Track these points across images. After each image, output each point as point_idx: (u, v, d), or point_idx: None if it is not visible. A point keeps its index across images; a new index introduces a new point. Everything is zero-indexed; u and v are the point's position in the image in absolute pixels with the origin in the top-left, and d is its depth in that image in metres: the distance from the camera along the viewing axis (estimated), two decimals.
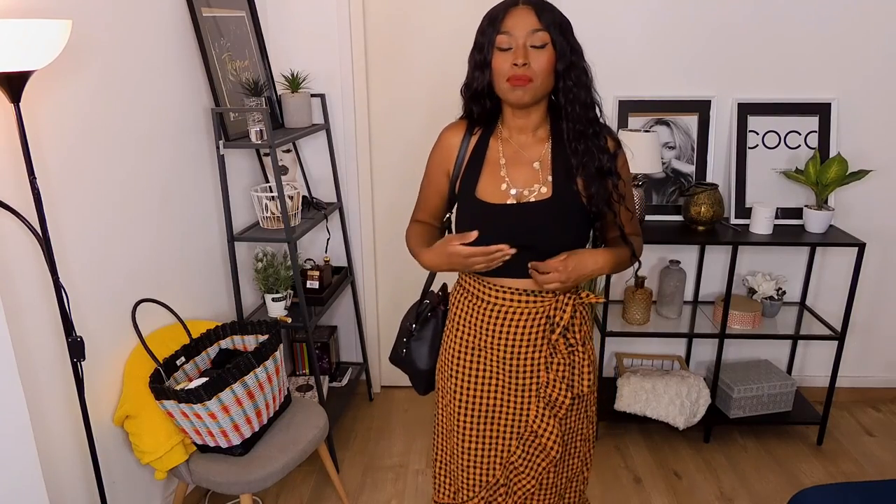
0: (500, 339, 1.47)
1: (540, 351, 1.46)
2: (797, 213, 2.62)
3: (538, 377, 1.48)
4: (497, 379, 1.49)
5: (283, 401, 2.13)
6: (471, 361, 1.51)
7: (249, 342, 2.14)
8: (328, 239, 2.90)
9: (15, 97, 1.37)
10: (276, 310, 2.47)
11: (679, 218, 2.67)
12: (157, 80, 2.03)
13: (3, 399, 1.38)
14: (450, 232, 1.60)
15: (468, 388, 1.51)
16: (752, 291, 2.72)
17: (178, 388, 1.80)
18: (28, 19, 1.29)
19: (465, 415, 1.53)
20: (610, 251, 1.41)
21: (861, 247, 2.43)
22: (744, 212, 2.63)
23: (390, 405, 3.03)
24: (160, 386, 1.80)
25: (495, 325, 1.47)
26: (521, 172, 1.41)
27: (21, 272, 1.56)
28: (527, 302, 1.44)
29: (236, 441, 1.91)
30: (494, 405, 1.51)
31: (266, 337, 2.08)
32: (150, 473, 2.03)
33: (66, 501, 1.74)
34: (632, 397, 2.65)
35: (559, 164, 1.40)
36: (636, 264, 1.49)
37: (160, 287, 2.07)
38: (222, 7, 2.34)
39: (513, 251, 1.33)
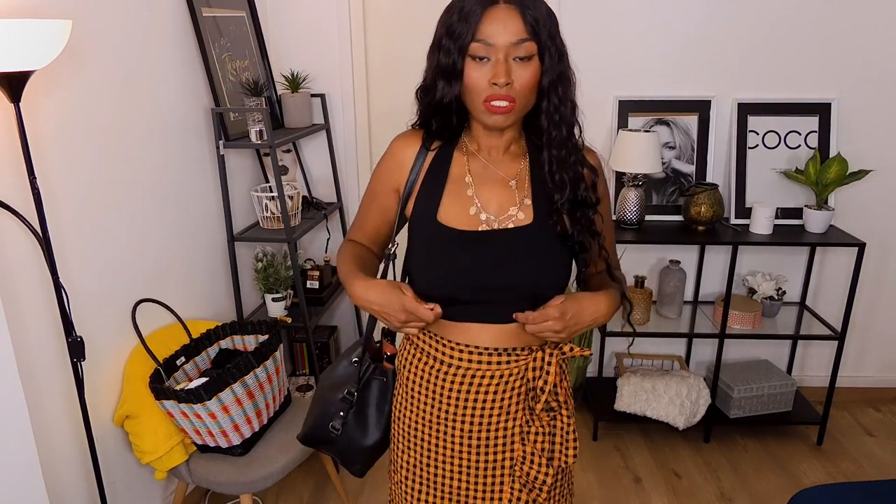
0: (464, 409, 1.17)
1: (514, 419, 1.18)
2: (797, 213, 2.62)
3: (512, 450, 1.20)
4: (461, 458, 1.20)
5: (283, 401, 2.13)
6: (430, 436, 1.21)
7: (249, 342, 2.14)
8: (328, 239, 2.90)
9: (15, 97, 1.37)
10: (276, 310, 2.48)
11: (679, 218, 2.67)
12: (157, 80, 2.03)
13: (3, 399, 1.38)
14: (391, 264, 1.27)
15: (428, 465, 1.23)
16: (752, 291, 2.72)
17: (178, 388, 1.80)
18: (28, 19, 1.29)
19: (427, 494, 1.25)
20: (608, 295, 1.14)
21: (861, 247, 2.43)
22: (744, 212, 2.63)
23: None
24: (160, 386, 1.80)
25: (458, 393, 1.17)
26: (492, 193, 1.15)
27: (21, 272, 1.56)
28: (498, 363, 1.15)
29: (236, 441, 1.91)
30: (460, 487, 1.22)
31: (266, 337, 2.09)
32: (150, 473, 2.03)
33: (66, 501, 1.74)
34: (632, 397, 2.65)
35: (539, 185, 1.15)
36: (627, 306, 1.22)
37: (160, 287, 2.07)
38: (222, 7, 2.34)
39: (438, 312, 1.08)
